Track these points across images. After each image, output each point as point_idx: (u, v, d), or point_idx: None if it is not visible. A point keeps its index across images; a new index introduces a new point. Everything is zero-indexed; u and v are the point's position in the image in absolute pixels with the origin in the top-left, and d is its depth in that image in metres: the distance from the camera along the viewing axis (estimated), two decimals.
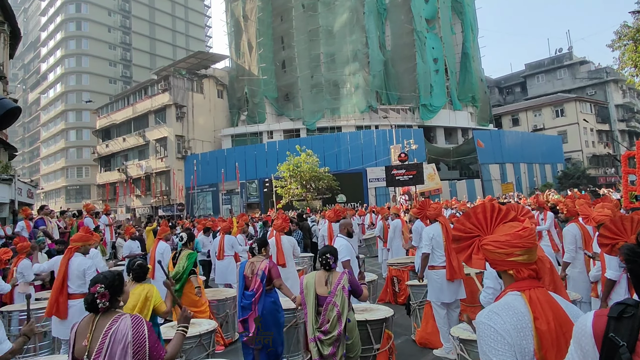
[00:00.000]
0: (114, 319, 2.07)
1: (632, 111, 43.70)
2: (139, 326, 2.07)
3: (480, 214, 1.63)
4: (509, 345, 1.37)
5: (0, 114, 0.64)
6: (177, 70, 34.05)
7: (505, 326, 1.39)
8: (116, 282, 2.19)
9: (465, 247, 1.64)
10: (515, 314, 1.41)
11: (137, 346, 2.02)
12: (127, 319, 2.08)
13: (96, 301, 2.09)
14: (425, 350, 4.99)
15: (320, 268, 3.65)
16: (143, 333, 2.06)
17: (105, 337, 2.00)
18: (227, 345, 5.52)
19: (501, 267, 1.56)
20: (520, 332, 1.39)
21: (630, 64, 19.99)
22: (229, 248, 7.98)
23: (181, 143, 32.91)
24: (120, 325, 2.03)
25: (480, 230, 1.62)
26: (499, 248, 1.52)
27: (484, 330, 1.42)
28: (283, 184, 24.90)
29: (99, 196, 39.25)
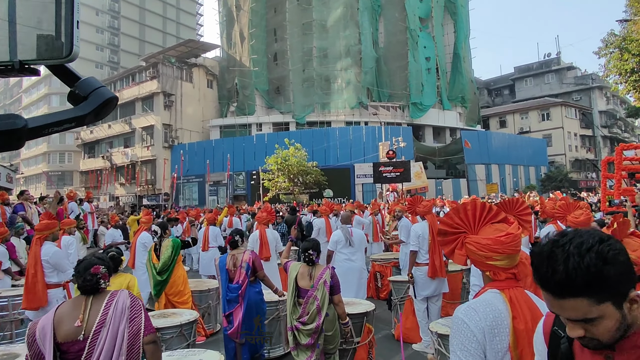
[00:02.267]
0: (111, 294, 2.15)
1: (615, 118, 44.76)
2: (134, 297, 2.17)
3: (469, 211, 1.63)
4: (479, 343, 1.40)
5: (98, 104, 0.61)
6: (166, 57, 33.47)
7: (480, 324, 1.42)
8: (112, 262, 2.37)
9: (450, 241, 1.66)
10: (493, 312, 1.43)
11: (134, 312, 2.09)
12: (124, 291, 2.18)
13: (100, 282, 2.17)
14: (404, 344, 5.07)
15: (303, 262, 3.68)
16: (139, 302, 2.16)
17: (108, 308, 2.07)
18: (208, 336, 5.52)
19: (480, 267, 1.60)
20: (494, 329, 1.41)
21: (615, 71, 20.43)
22: (214, 239, 7.95)
23: (168, 132, 32.45)
24: (121, 296, 2.13)
25: (467, 227, 1.63)
26: (479, 250, 1.54)
27: (457, 325, 1.45)
28: (270, 177, 24.82)
29: (81, 183, 38.46)
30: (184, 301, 5.08)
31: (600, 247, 0.92)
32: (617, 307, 0.93)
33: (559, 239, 0.98)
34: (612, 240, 0.94)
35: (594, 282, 0.90)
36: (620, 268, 0.91)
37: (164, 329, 3.82)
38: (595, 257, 0.91)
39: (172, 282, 4.97)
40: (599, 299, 0.91)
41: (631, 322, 0.96)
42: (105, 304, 2.10)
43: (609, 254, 0.91)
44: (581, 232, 0.97)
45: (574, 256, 0.92)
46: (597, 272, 0.90)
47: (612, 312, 0.93)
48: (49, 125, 0.71)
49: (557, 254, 0.94)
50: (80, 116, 0.76)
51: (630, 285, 0.94)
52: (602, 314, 0.92)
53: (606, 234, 0.97)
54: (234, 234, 4.49)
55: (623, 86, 20.95)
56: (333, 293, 3.51)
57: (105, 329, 2.02)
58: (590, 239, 0.94)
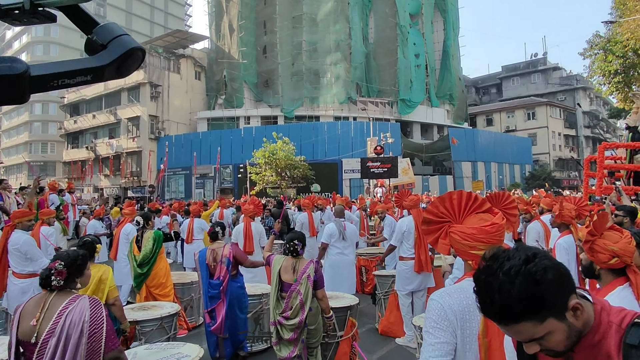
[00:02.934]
0: (71, 299, 1.96)
1: (597, 118, 45.71)
2: (97, 308, 1.97)
3: (455, 200, 1.63)
4: (450, 322, 1.42)
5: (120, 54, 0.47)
6: (153, 47, 32.82)
7: (452, 306, 1.44)
8: (78, 262, 2.09)
9: (435, 230, 1.65)
10: (467, 298, 1.44)
11: (94, 328, 1.91)
12: (85, 299, 1.97)
13: (51, 277, 1.98)
14: (388, 339, 5.10)
15: (288, 254, 3.63)
16: (101, 315, 1.95)
17: (60, 317, 1.88)
18: (190, 330, 5.46)
19: (463, 257, 1.61)
20: (466, 315, 1.43)
21: (599, 72, 20.79)
22: (199, 231, 7.85)
23: (155, 123, 31.91)
24: (78, 305, 1.92)
25: (451, 216, 1.63)
26: (464, 239, 1.55)
27: (432, 306, 1.47)
28: (258, 171, 24.67)
29: (64, 174, 37.60)
30: (166, 294, 5.00)
31: (527, 269, 0.93)
32: (560, 320, 0.94)
33: (492, 264, 0.99)
34: (538, 258, 0.95)
35: (529, 307, 0.91)
36: (551, 284, 0.92)
37: (143, 322, 3.75)
38: (524, 280, 0.91)
39: (153, 274, 4.89)
40: (540, 318, 0.93)
41: (582, 327, 0.98)
42: (60, 309, 1.91)
43: (537, 274, 0.92)
44: (509, 253, 0.98)
45: (505, 284, 0.92)
46: (530, 297, 0.91)
47: (557, 326, 0.94)
48: (58, 76, 0.58)
49: (492, 283, 0.95)
50: (97, 67, 0.62)
51: (567, 295, 0.95)
52: (548, 331, 0.94)
53: (533, 250, 0.98)
54: (215, 226, 4.43)
55: (606, 87, 21.35)
56: (317, 287, 3.47)
57: (54, 339, 1.84)
58: (516, 260, 0.95)
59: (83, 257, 2.14)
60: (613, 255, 1.75)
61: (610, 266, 1.79)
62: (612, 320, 1.00)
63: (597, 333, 0.99)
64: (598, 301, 1.05)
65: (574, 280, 1.00)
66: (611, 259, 1.76)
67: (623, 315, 1.01)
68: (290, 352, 3.45)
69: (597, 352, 0.99)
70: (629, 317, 1.00)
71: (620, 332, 0.98)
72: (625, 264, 1.77)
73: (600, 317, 1.01)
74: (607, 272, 1.82)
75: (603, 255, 1.78)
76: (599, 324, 1.00)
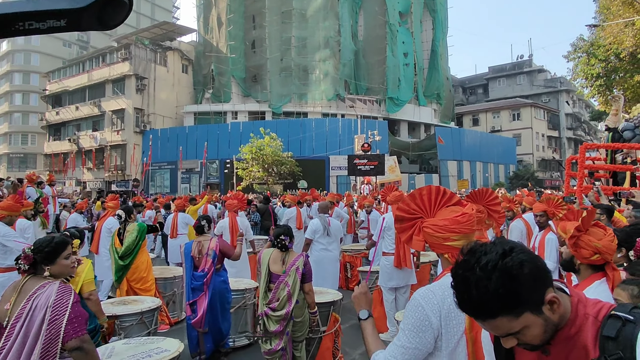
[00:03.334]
0: (42, 285, 1.93)
1: (580, 121, 46.75)
2: (64, 294, 1.90)
3: (425, 196, 1.63)
4: (431, 328, 1.40)
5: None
6: (139, 39, 32.20)
7: (437, 305, 1.42)
8: (46, 248, 2.02)
9: (408, 227, 1.64)
10: (451, 295, 1.42)
11: (55, 314, 1.84)
12: (55, 285, 1.92)
13: (19, 261, 1.99)
14: None
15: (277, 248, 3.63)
16: (66, 301, 1.88)
17: (28, 301, 1.86)
18: (172, 325, 5.38)
19: (439, 250, 1.60)
20: (452, 312, 1.42)
21: (582, 75, 21.22)
22: (183, 226, 7.75)
23: (140, 117, 31.36)
24: (47, 290, 1.89)
25: (423, 212, 1.63)
26: (436, 232, 1.54)
27: (414, 307, 1.44)
28: (245, 166, 24.49)
29: (45, 166, 36.68)
30: (147, 288, 4.92)
31: (503, 263, 0.92)
32: (537, 314, 0.94)
33: (469, 258, 0.98)
34: (515, 252, 0.95)
35: (505, 302, 0.91)
36: (527, 279, 0.92)
37: (123, 317, 3.68)
38: (500, 276, 0.91)
39: (134, 267, 4.80)
40: (516, 313, 0.92)
41: (558, 320, 0.98)
42: (30, 293, 1.89)
43: (513, 269, 0.91)
44: (486, 247, 0.98)
45: (482, 280, 0.92)
46: (505, 292, 0.90)
47: (534, 320, 0.94)
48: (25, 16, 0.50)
49: (469, 278, 0.95)
50: (73, 10, 0.53)
51: (543, 289, 0.95)
52: (525, 325, 0.94)
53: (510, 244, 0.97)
54: (201, 219, 4.37)
55: (588, 90, 21.82)
56: (304, 281, 3.47)
57: (20, 324, 1.81)
58: (493, 255, 0.95)
59: (56, 244, 2.06)
60: (595, 252, 1.79)
61: (591, 262, 1.82)
62: (588, 312, 1.01)
63: (573, 326, 0.99)
64: (575, 293, 1.05)
65: (551, 273, 1.00)
66: (593, 255, 1.80)
67: (599, 307, 1.01)
68: (276, 345, 3.44)
69: (574, 345, 0.99)
70: (605, 309, 1.00)
71: (597, 324, 0.98)
72: (605, 260, 1.81)
73: (577, 310, 1.01)
74: (586, 267, 1.86)
75: (586, 251, 1.81)
76: (576, 316, 1.00)
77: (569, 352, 1.00)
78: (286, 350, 3.47)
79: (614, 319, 0.96)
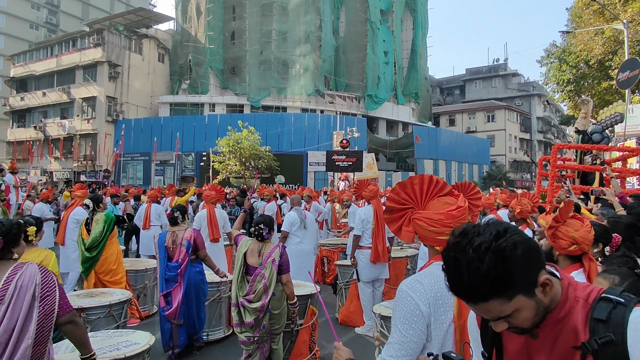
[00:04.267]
0: (16, 267, 1.89)
1: (550, 124, 48.53)
2: (47, 273, 1.92)
3: (417, 185, 1.57)
4: (422, 316, 1.37)
5: None
6: (113, 24, 31.00)
7: (425, 294, 1.39)
8: (13, 231, 2.01)
9: (397, 218, 1.60)
10: (438, 283, 1.40)
11: (46, 291, 1.86)
12: (33, 265, 1.91)
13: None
14: (347, 328, 5.11)
15: (253, 238, 3.54)
16: (52, 279, 1.91)
17: (9, 283, 1.81)
18: (143, 319, 5.21)
19: (430, 243, 1.56)
20: (439, 300, 1.39)
21: (553, 80, 21.97)
22: (156, 217, 7.52)
23: (112, 105, 30.24)
24: (27, 271, 1.86)
25: (413, 202, 1.58)
26: (430, 226, 1.50)
27: (401, 299, 1.40)
28: (221, 160, 24.07)
29: (8, 154, 34.81)
30: (117, 281, 4.71)
31: (497, 244, 0.90)
32: (529, 297, 0.93)
33: (461, 240, 0.96)
34: (509, 233, 0.93)
35: (498, 284, 0.89)
36: (520, 262, 0.90)
37: (89, 309, 3.49)
38: (493, 257, 0.89)
39: (103, 259, 4.58)
40: (508, 296, 0.91)
41: (549, 303, 0.97)
42: (7, 276, 1.84)
43: (506, 250, 0.89)
44: (479, 229, 0.96)
45: (474, 261, 0.90)
46: (498, 275, 0.88)
47: (525, 303, 0.93)
48: None
49: (461, 260, 0.93)
50: None
51: (536, 272, 0.94)
52: (516, 308, 0.93)
53: (504, 225, 0.96)
54: (174, 210, 4.23)
55: (559, 95, 22.63)
56: (281, 272, 3.42)
57: (4, 306, 1.77)
58: (487, 235, 0.93)
59: (18, 226, 2.07)
60: (573, 242, 1.81)
61: (568, 252, 1.85)
62: (578, 295, 1.01)
63: (562, 309, 0.99)
64: (565, 277, 1.05)
65: (543, 255, 0.98)
66: (571, 245, 1.82)
67: (589, 290, 1.01)
68: (251, 337, 3.37)
69: (562, 327, 0.99)
70: (595, 292, 1.00)
71: (587, 307, 0.98)
72: (582, 251, 1.83)
73: (567, 293, 1.01)
74: (565, 258, 1.89)
75: (564, 242, 1.83)
76: (566, 299, 1.00)
77: (558, 334, 1.00)
78: (263, 343, 3.40)
79: (604, 302, 0.96)
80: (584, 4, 18.91)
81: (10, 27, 41.98)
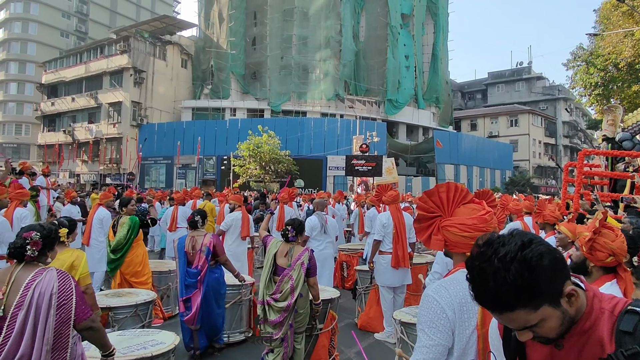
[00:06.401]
0: (38, 272, 1.93)
1: (576, 129, 47.07)
2: (65, 279, 1.94)
3: (443, 193, 1.60)
4: (448, 320, 1.37)
5: None
6: (139, 32, 31.97)
7: (450, 300, 1.39)
8: (52, 235, 2.08)
9: (426, 227, 1.62)
10: (463, 290, 1.40)
11: (63, 298, 1.88)
12: (52, 271, 1.95)
13: (25, 247, 1.94)
14: (366, 333, 5.09)
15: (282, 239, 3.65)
16: (70, 286, 1.93)
17: (28, 288, 1.85)
18: (166, 319, 5.32)
19: (461, 249, 1.55)
20: (464, 306, 1.40)
21: (580, 84, 21.32)
22: (183, 219, 7.66)
23: (137, 110, 31.13)
24: (46, 277, 1.90)
25: (441, 210, 1.60)
26: (464, 231, 1.51)
27: (427, 303, 1.41)
28: (242, 163, 24.39)
29: (39, 157, 36.27)
30: (143, 282, 4.84)
31: (522, 254, 0.91)
32: (555, 307, 0.93)
33: (486, 250, 0.96)
34: (534, 243, 0.93)
35: (524, 294, 0.90)
36: (546, 272, 0.90)
37: (117, 309, 3.61)
38: (519, 267, 0.89)
39: (129, 261, 4.71)
40: (534, 306, 0.91)
41: (574, 314, 0.98)
42: (27, 282, 1.88)
43: (532, 260, 0.90)
44: (504, 239, 0.96)
45: (500, 271, 0.91)
46: (524, 284, 0.89)
47: (551, 313, 0.93)
48: None
49: (486, 270, 0.93)
50: None
51: (562, 282, 0.94)
52: (542, 318, 0.93)
53: (529, 236, 0.96)
54: (195, 214, 4.30)
55: (587, 99, 21.94)
56: (309, 275, 3.53)
57: (23, 312, 1.82)
58: (512, 246, 0.93)
59: (56, 231, 2.15)
60: (610, 254, 1.77)
61: (605, 264, 1.81)
62: (604, 307, 1.01)
63: (588, 320, 0.99)
64: (590, 288, 1.05)
65: (568, 266, 0.99)
66: (608, 257, 1.79)
67: (615, 302, 1.01)
68: (275, 334, 3.43)
69: (588, 339, 0.99)
70: (621, 304, 1.00)
71: (613, 318, 0.98)
72: (618, 262, 1.80)
73: (593, 304, 1.01)
74: (598, 269, 1.86)
75: (602, 254, 1.80)
76: (591, 310, 1.00)
77: (583, 346, 1.00)
78: (287, 341, 3.46)
79: (631, 314, 0.96)
80: (612, 6, 18.37)
81: (42, 36, 43.85)
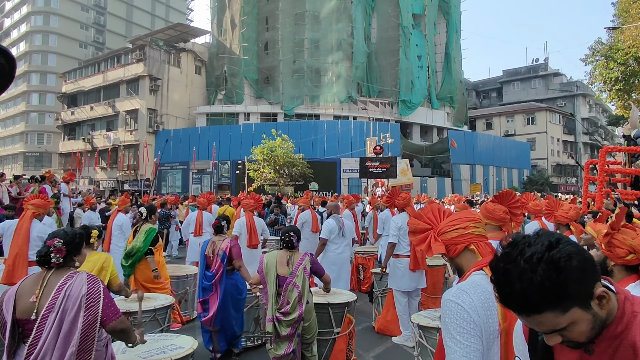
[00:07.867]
0: (69, 275, 2.00)
1: (596, 125, 45.85)
2: (94, 282, 2.01)
3: (429, 213, 1.76)
4: (475, 324, 1.34)
5: None
6: (154, 40, 32.61)
7: (473, 304, 1.36)
8: (76, 240, 2.13)
9: (422, 239, 1.71)
10: (483, 292, 1.38)
11: (91, 300, 1.95)
12: (82, 274, 2.02)
13: (50, 255, 2.01)
14: (384, 337, 5.03)
15: (283, 247, 3.58)
16: (98, 288, 2.00)
17: (60, 292, 1.93)
18: (184, 323, 5.37)
19: (462, 244, 1.60)
20: (487, 310, 1.37)
21: (600, 79, 20.76)
22: (208, 225, 7.74)
23: (153, 117, 31.71)
24: (76, 281, 1.97)
25: (432, 224, 1.73)
26: (454, 225, 1.61)
27: (450, 309, 1.37)
28: (256, 167, 24.56)
29: (60, 165, 37.31)
30: (161, 287, 4.89)
31: (550, 255, 0.88)
32: (585, 309, 0.90)
33: (511, 251, 0.93)
34: (562, 244, 0.90)
35: (552, 296, 0.87)
36: (576, 273, 0.87)
37: (136, 313, 3.65)
38: (547, 268, 0.87)
39: (143, 268, 4.73)
40: (563, 308, 0.88)
41: (606, 317, 0.94)
42: (59, 285, 1.96)
43: (561, 261, 0.87)
44: (530, 239, 0.93)
45: (526, 272, 0.88)
46: (552, 286, 0.86)
47: (581, 316, 0.90)
48: None
49: (511, 271, 0.90)
50: None
51: (592, 283, 0.91)
52: (572, 321, 0.90)
53: (556, 236, 0.92)
54: (221, 219, 4.36)
55: (607, 94, 21.35)
56: (320, 275, 3.54)
57: (54, 314, 1.89)
58: (539, 246, 0.90)
59: (80, 235, 2.19)
60: (630, 251, 1.71)
61: (626, 262, 1.75)
62: (636, 310, 0.97)
63: (620, 323, 0.95)
64: (621, 290, 1.01)
65: (599, 267, 0.95)
66: (628, 254, 1.72)
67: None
68: (287, 349, 3.38)
69: (620, 343, 0.95)
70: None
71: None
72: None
73: (624, 307, 0.97)
74: (620, 268, 1.79)
75: (621, 250, 1.74)
76: (623, 313, 0.96)
77: (615, 350, 0.96)
78: (295, 353, 3.42)
79: None
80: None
81: (61, 47, 45.15)
